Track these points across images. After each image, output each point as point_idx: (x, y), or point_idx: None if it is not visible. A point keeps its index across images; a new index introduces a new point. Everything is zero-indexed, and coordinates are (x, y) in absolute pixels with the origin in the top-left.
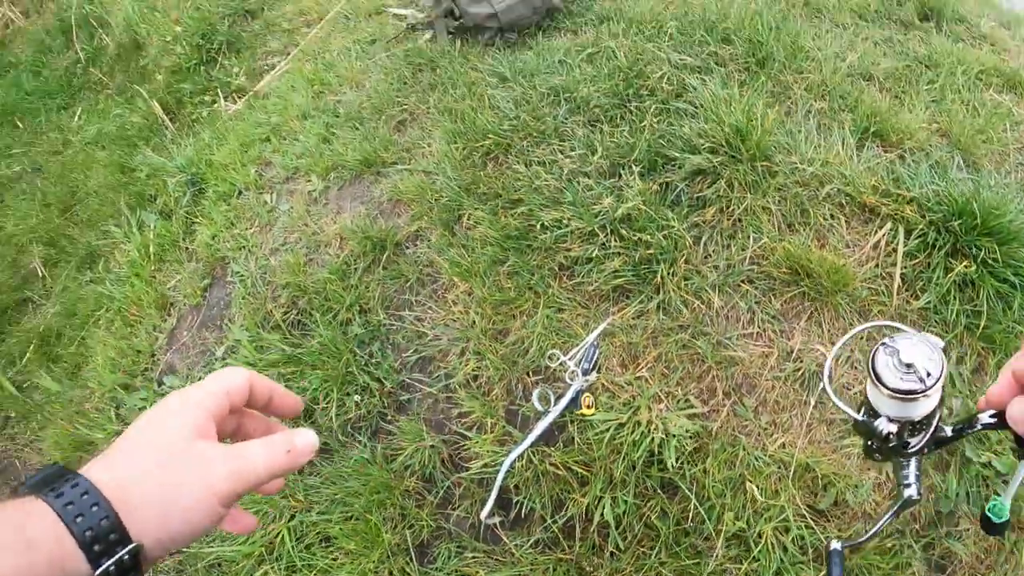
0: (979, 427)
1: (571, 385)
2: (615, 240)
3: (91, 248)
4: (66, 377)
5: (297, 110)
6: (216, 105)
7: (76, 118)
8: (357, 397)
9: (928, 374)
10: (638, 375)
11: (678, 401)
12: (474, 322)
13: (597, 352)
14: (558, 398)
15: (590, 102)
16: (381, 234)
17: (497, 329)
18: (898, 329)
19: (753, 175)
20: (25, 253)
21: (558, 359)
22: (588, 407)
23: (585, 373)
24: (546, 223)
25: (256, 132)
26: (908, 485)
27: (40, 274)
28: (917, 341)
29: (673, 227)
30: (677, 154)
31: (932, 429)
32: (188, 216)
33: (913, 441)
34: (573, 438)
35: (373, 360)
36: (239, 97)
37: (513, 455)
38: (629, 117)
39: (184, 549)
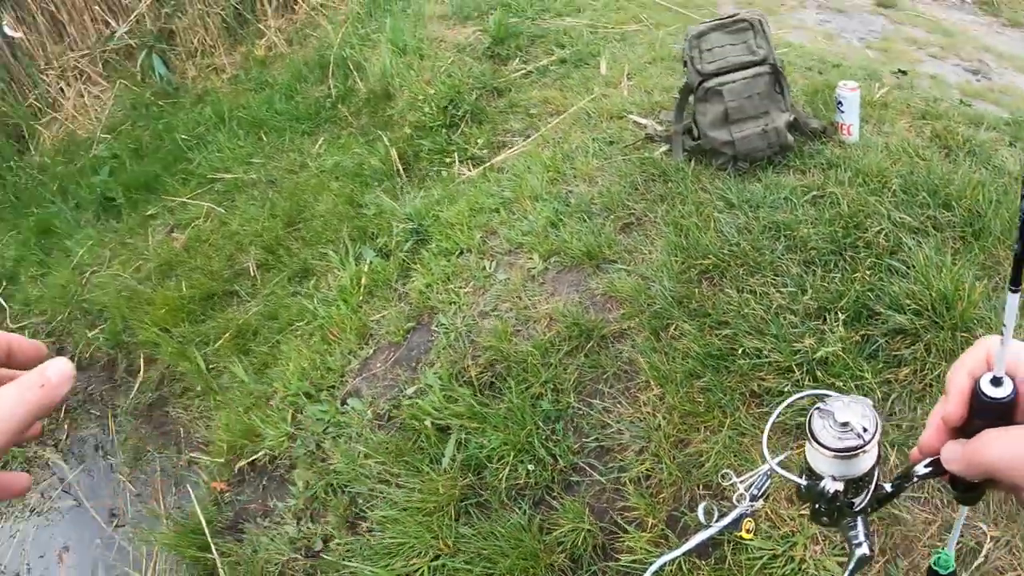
0: (916, 479)
1: (737, 506)
2: (808, 379)
3: (306, 264)
4: (252, 371)
5: (530, 190)
6: (452, 167)
7: (317, 146)
8: (531, 466)
9: (864, 430)
10: (802, 513)
11: (834, 547)
12: (659, 425)
13: (769, 482)
14: (721, 515)
15: (808, 243)
16: (590, 324)
17: (680, 437)
18: (827, 395)
19: (952, 343)
20: (243, 252)
21: (730, 479)
22: (748, 531)
23: (753, 499)
24: (747, 350)
25: (487, 201)
26: (859, 544)
27: (252, 274)
28: (848, 402)
29: (866, 379)
30: (883, 310)
31: (873, 486)
32: (405, 261)
33: (857, 500)
34: (726, 557)
35: (554, 437)
36: (474, 165)
37: (665, 558)
38: (842, 265)
39: (323, 556)
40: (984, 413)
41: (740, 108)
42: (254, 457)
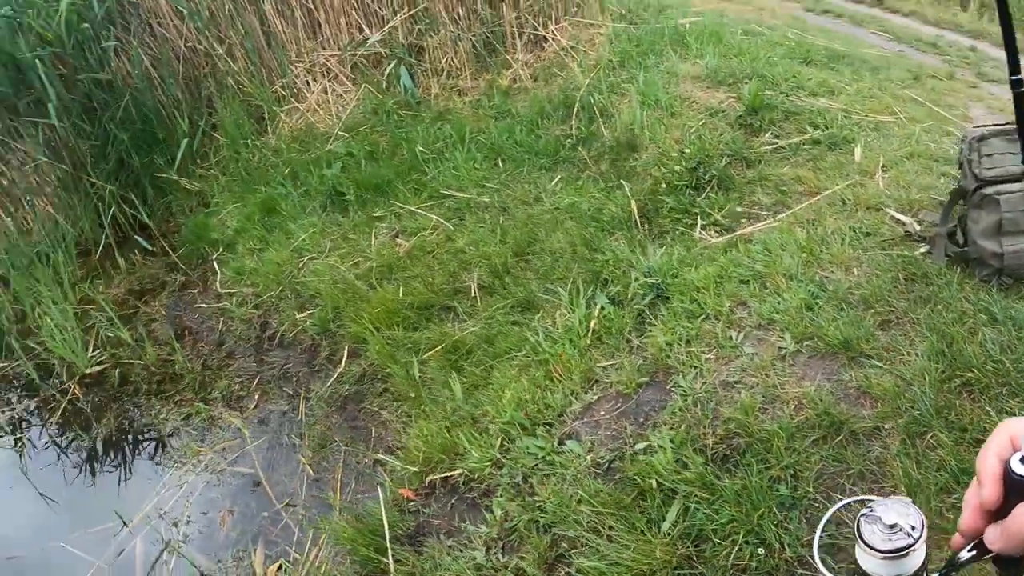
0: (962, 564)
1: None
2: None
3: (531, 297)
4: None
5: (784, 268)
6: (693, 229)
7: (553, 183)
8: (761, 550)
9: (912, 528)
10: None
11: None
12: None
13: None
14: None
15: None
16: (841, 416)
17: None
18: (868, 500)
19: None
20: (466, 270)
21: None
22: None
23: None
24: None
25: (736, 271)
26: None
27: (472, 294)
28: (891, 504)
29: None
30: None
31: None
32: (643, 314)
33: None
34: None
35: (785, 525)
36: (717, 231)
37: None
38: None
39: None
40: (1019, 491)
41: (1015, 221)
42: (449, 474)
